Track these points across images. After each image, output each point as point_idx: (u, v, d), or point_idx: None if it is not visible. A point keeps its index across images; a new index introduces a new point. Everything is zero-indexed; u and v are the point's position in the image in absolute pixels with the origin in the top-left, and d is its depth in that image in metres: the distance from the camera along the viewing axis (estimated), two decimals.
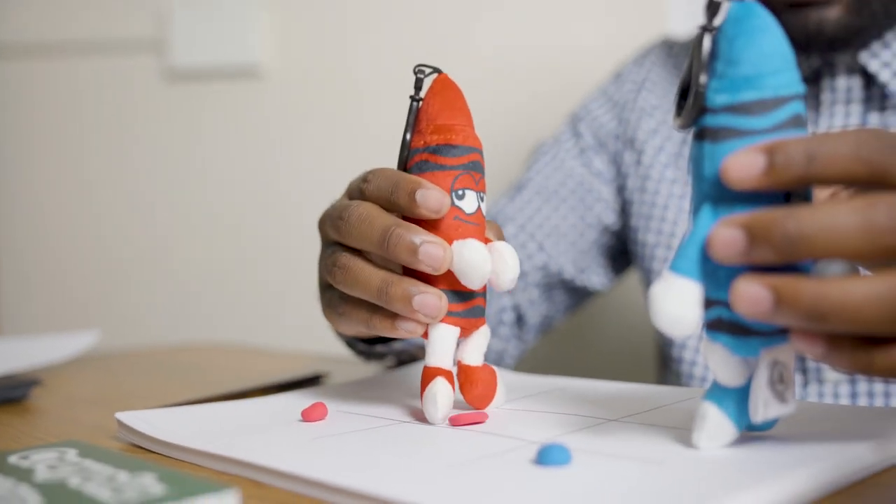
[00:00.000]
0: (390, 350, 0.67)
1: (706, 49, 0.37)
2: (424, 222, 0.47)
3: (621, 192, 0.87)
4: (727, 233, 0.34)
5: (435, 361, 0.48)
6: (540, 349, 1.09)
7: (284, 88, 1.35)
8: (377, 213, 0.48)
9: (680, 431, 0.41)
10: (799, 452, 0.37)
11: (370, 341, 0.66)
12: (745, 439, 0.39)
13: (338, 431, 0.46)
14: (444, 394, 0.47)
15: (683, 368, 0.79)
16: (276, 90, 1.36)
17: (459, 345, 0.50)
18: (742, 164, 0.35)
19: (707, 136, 0.37)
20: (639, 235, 0.84)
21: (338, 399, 0.55)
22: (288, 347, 1.06)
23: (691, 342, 0.78)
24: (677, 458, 0.37)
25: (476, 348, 0.50)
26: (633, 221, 0.85)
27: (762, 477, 0.34)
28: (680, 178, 0.82)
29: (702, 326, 0.37)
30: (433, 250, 0.46)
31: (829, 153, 0.34)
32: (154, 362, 0.89)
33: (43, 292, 1.45)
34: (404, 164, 0.50)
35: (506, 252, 0.48)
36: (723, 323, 0.37)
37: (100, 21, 1.39)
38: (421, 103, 0.50)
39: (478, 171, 0.49)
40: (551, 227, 0.86)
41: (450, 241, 0.47)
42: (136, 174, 1.42)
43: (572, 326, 1.18)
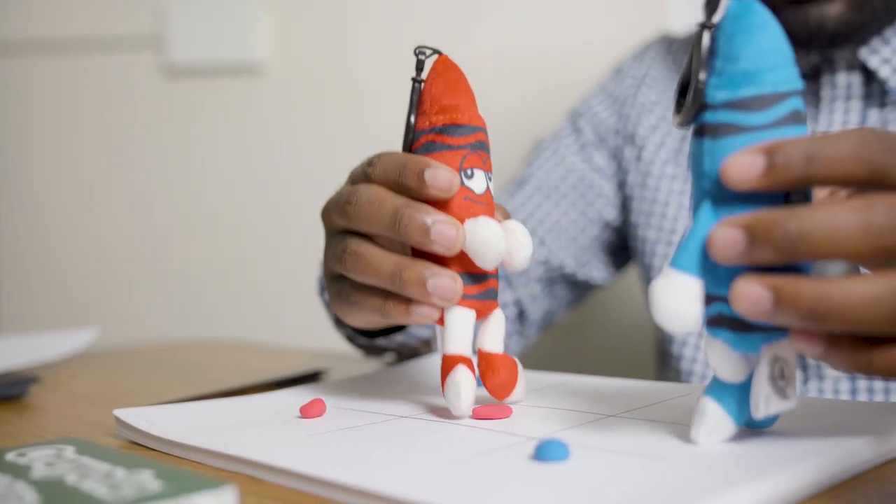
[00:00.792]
0: (391, 343, 0.67)
1: (705, 46, 0.37)
2: (434, 204, 0.46)
3: (622, 188, 0.87)
4: (727, 233, 0.34)
5: (454, 348, 0.46)
6: (540, 345, 1.09)
7: (284, 86, 1.35)
8: (386, 195, 0.47)
9: (679, 427, 0.41)
10: (797, 447, 0.37)
11: (371, 334, 0.65)
12: (744, 434, 0.39)
13: (336, 428, 0.46)
14: (468, 383, 0.46)
15: (683, 365, 0.79)
16: (276, 87, 1.35)
17: (477, 332, 0.48)
18: (742, 165, 0.35)
19: (707, 133, 0.37)
20: (639, 231, 0.84)
21: (336, 395, 0.55)
22: (287, 344, 1.06)
23: (691, 339, 0.78)
24: (676, 454, 0.37)
25: (496, 333, 0.48)
26: (634, 217, 0.85)
27: (761, 472, 0.34)
28: (680, 175, 0.82)
29: (702, 322, 0.37)
30: (446, 230, 0.45)
31: (829, 154, 0.34)
32: (153, 359, 0.89)
33: (42, 289, 1.45)
34: (410, 147, 0.48)
35: (518, 230, 0.47)
36: (724, 319, 0.37)
37: (99, 18, 1.39)
38: (423, 85, 0.49)
39: (485, 151, 0.48)
40: (552, 223, 0.86)
41: (461, 222, 0.46)
42: (136, 171, 1.42)
43: (572, 323, 1.18)
